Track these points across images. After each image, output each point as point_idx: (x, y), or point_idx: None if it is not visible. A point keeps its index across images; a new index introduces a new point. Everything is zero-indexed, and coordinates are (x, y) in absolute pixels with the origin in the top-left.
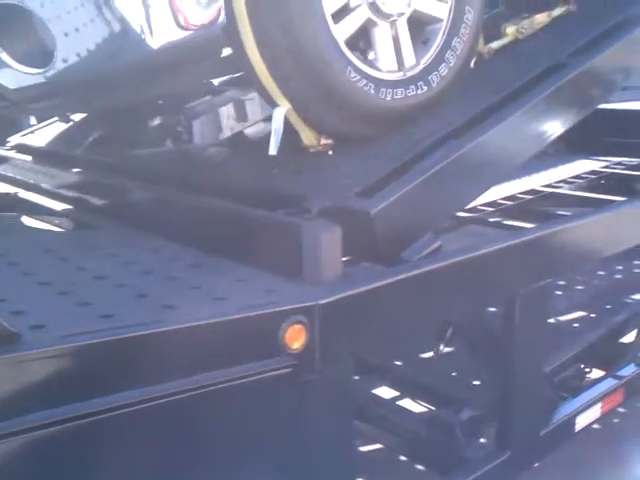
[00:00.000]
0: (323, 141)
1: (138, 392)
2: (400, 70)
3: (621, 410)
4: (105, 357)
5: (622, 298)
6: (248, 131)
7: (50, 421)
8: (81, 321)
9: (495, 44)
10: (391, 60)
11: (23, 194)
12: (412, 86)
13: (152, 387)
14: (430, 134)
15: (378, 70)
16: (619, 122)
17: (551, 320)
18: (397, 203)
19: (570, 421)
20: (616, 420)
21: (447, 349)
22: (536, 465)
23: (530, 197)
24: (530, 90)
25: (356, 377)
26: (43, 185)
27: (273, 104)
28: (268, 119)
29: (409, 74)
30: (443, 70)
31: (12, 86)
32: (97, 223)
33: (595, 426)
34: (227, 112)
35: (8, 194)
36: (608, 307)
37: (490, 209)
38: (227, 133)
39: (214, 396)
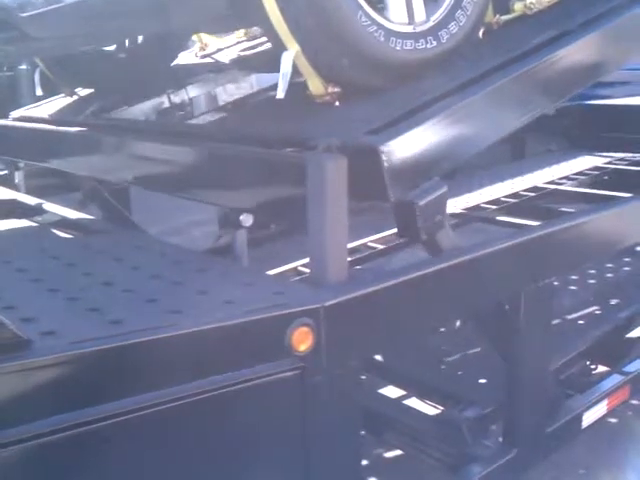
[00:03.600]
0: (330, 89)
1: (148, 396)
2: (410, 24)
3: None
4: (115, 363)
5: (628, 293)
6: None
7: (62, 427)
8: (91, 327)
9: (504, 17)
10: (402, 13)
11: (28, 199)
12: (422, 40)
13: (162, 391)
14: (437, 87)
15: (389, 21)
16: (621, 118)
17: (556, 317)
18: (405, 142)
19: (577, 418)
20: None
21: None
22: None
23: (533, 194)
24: (537, 52)
25: (362, 377)
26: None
27: (282, 48)
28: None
29: (419, 29)
30: (453, 28)
31: (21, 13)
32: (102, 228)
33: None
34: (225, 90)
35: (14, 200)
36: (613, 302)
37: (494, 207)
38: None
39: (223, 399)
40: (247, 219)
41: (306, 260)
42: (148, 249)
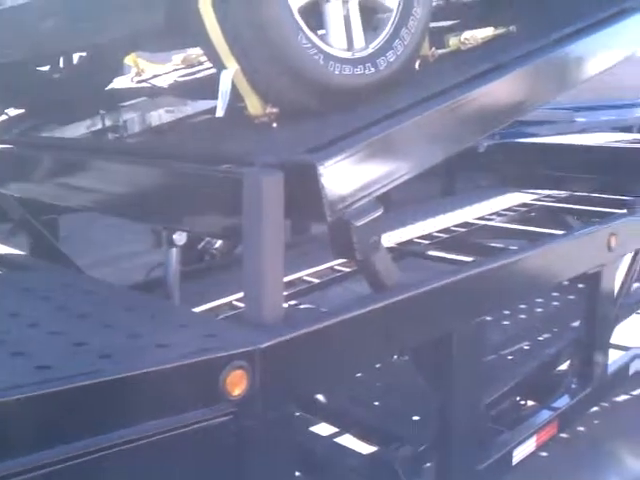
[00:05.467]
0: (269, 109)
1: (78, 445)
2: (349, 50)
3: None
4: (42, 411)
5: (555, 328)
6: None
7: None
8: (17, 373)
9: (439, 51)
10: (341, 39)
11: None
12: (360, 66)
13: (93, 439)
14: (374, 112)
15: (329, 45)
16: (548, 155)
17: (488, 352)
18: (343, 162)
19: (507, 455)
20: None
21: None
22: None
23: (464, 230)
24: (468, 85)
25: (296, 414)
26: None
27: (221, 66)
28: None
29: (358, 55)
30: (391, 56)
31: None
32: (28, 263)
33: None
34: (159, 114)
35: None
36: (541, 338)
37: (426, 242)
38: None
39: (156, 446)
40: (181, 238)
41: (241, 294)
42: (76, 286)
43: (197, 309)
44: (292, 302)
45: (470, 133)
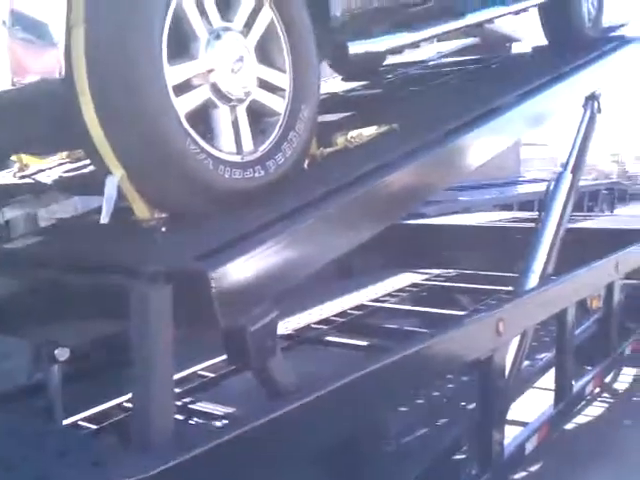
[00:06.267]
0: (157, 215)
1: None
2: (239, 154)
3: None
4: None
5: (452, 412)
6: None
7: None
8: None
9: (327, 150)
10: (230, 143)
11: None
12: (250, 169)
13: None
14: (265, 214)
15: (218, 149)
16: (435, 236)
17: (389, 445)
18: (234, 267)
19: None
20: None
21: None
22: None
23: (360, 312)
24: (357, 183)
25: None
26: None
27: (105, 171)
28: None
29: (247, 158)
30: (280, 159)
31: None
32: None
33: None
34: (46, 212)
35: None
36: (439, 423)
37: (324, 326)
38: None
39: None
40: (63, 353)
41: (130, 395)
42: None
43: (84, 414)
44: (187, 399)
45: (364, 228)
